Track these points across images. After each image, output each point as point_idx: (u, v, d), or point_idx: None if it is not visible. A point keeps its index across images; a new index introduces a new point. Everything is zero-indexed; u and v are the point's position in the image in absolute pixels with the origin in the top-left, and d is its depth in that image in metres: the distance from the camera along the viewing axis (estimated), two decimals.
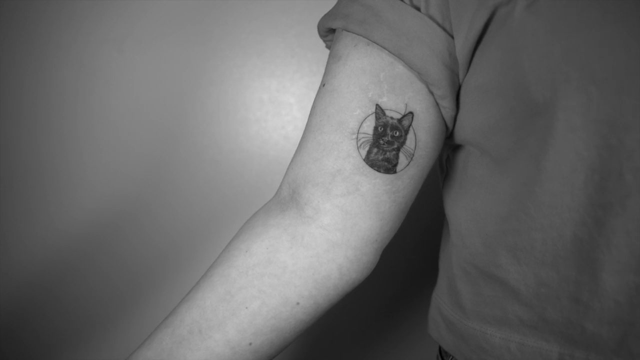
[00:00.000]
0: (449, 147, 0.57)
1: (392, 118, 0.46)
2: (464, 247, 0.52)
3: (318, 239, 0.47)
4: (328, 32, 0.52)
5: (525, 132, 0.43)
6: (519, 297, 0.46)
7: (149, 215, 0.92)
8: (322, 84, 0.49)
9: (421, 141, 0.47)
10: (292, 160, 0.50)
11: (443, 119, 0.48)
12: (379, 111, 0.46)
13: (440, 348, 0.60)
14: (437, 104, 0.47)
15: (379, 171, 0.46)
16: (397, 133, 0.46)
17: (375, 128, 0.46)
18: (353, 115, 0.46)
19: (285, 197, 0.50)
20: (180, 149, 0.92)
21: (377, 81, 0.45)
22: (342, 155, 0.46)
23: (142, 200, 0.92)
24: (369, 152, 0.46)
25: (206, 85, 0.91)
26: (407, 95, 0.46)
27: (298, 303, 0.46)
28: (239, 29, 0.90)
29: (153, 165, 0.92)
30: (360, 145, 0.46)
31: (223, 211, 0.92)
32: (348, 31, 0.47)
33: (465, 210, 0.51)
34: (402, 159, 0.47)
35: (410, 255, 0.96)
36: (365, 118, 0.46)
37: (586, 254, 0.41)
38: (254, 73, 0.91)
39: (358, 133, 0.46)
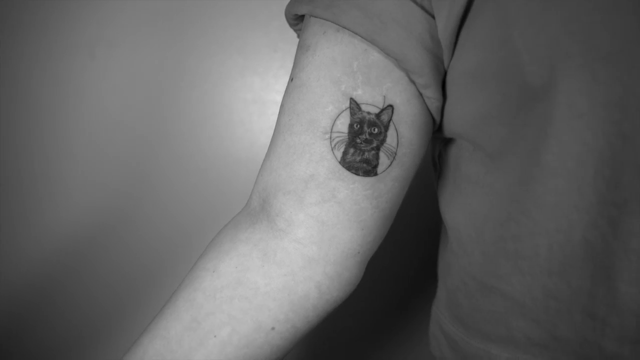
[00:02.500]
0: (440, 141, 0.51)
1: (369, 113, 0.40)
2: (465, 255, 0.46)
3: (292, 254, 0.41)
4: (297, 20, 0.47)
5: (521, 121, 0.37)
6: (525, 311, 0.40)
7: (131, 230, 0.87)
8: (290, 79, 0.44)
9: (404, 137, 0.41)
10: (261, 167, 0.45)
11: (428, 110, 0.42)
12: (354, 106, 0.40)
13: None
14: (420, 94, 0.41)
15: (358, 174, 0.40)
16: (376, 130, 0.40)
17: (351, 125, 0.40)
18: (325, 112, 0.40)
19: (255, 208, 0.44)
20: (162, 158, 0.87)
21: (350, 72, 0.40)
22: (314, 159, 0.40)
23: (123, 213, 0.87)
24: (344, 153, 0.40)
25: (185, 87, 0.86)
26: (385, 87, 0.40)
27: (273, 328, 0.41)
28: (216, 24, 0.85)
29: (132, 176, 0.87)
30: (335, 145, 0.40)
31: (210, 222, 0.86)
32: (315, 17, 0.42)
33: (462, 212, 0.46)
34: (383, 159, 0.41)
35: (409, 256, 0.91)
36: (339, 114, 0.40)
37: (600, 261, 0.35)
38: (234, 71, 0.86)
39: (331, 132, 0.40)
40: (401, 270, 0.92)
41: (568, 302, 0.37)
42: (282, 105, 0.44)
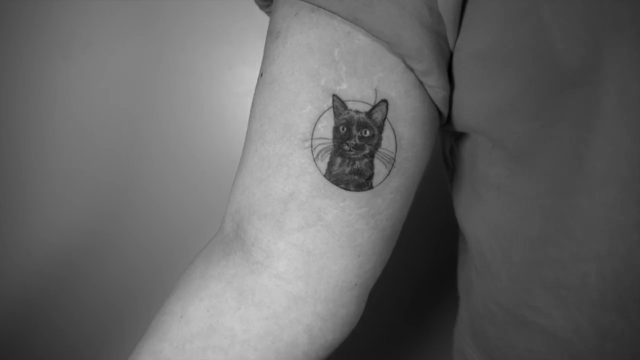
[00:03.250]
0: (450, 134, 0.42)
1: (357, 112, 0.32)
2: (489, 275, 0.37)
3: (274, 293, 0.33)
4: (266, 1, 0.38)
5: (553, 115, 0.28)
6: (573, 353, 0.31)
7: (120, 233, 0.81)
8: (260, 74, 0.36)
9: (404, 139, 0.33)
10: (233, 183, 0.37)
11: (432, 102, 0.34)
12: (338, 104, 0.32)
13: None
14: (421, 84, 0.33)
15: (348, 189, 0.33)
16: (368, 132, 0.32)
17: (336, 129, 0.32)
18: (303, 115, 0.32)
19: (228, 235, 0.36)
20: (149, 161, 0.80)
21: (330, 62, 0.32)
22: (294, 173, 0.33)
23: (109, 221, 0.81)
24: (330, 164, 0.32)
25: (169, 85, 0.78)
26: (375, 77, 0.32)
27: None
28: (197, 12, 0.77)
29: (118, 181, 0.80)
30: (318, 155, 0.32)
31: (204, 229, 0.79)
32: None
33: (483, 223, 0.37)
34: (380, 168, 0.33)
35: (418, 260, 0.82)
36: (320, 116, 0.32)
37: None
38: (221, 63, 0.78)
39: (312, 139, 0.32)
40: (408, 277, 0.83)
41: (631, 345, 0.29)
42: (252, 107, 0.36)
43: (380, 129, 0.33)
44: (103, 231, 0.84)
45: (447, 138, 0.44)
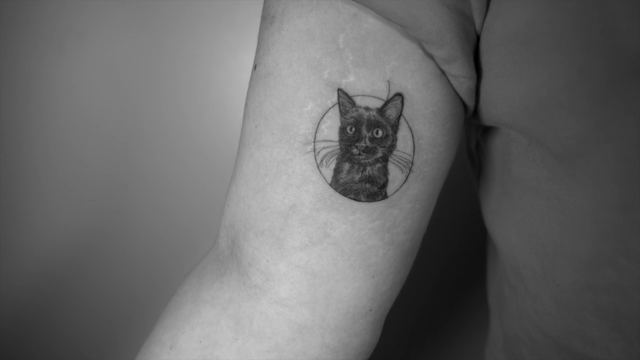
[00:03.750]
0: (475, 128, 0.37)
1: (368, 109, 0.27)
2: (528, 296, 0.32)
3: (275, 322, 0.29)
4: None
5: (615, 109, 0.23)
6: None
7: (121, 233, 0.80)
8: (254, 66, 0.31)
9: (423, 138, 0.28)
10: (227, 192, 0.32)
11: (456, 94, 0.29)
12: (345, 100, 0.27)
13: None
14: (443, 73, 0.28)
15: (359, 199, 0.28)
16: (380, 132, 0.27)
17: (342, 129, 0.27)
18: (303, 113, 0.28)
19: (223, 251, 0.32)
20: (151, 157, 0.76)
21: (334, 50, 0.27)
22: (294, 182, 0.28)
23: (110, 219, 0.78)
24: (337, 171, 0.28)
25: (170, 76, 0.74)
26: (388, 67, 0.27)
27: None
28: None
29: (118, 181, 0.77)
30: (322, 160, 0.28)
31: (209, 225, 0.75)
32: None
33: (518, 233, 0.32)
34: (395, 174, 0.28)
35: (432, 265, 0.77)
36: (324, 115, 0.27)
37: None
38: (225, 51, 0.74)
39: (315, 141, 0.28)
40: (424, 285, 0.78)
41: None
42: (245, 105, 0.31)
43: (395, 128, 0.28)
44: (104, 229, 0.82)
45: (472, 131, 0.38)
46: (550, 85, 0.25)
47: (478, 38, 0.28)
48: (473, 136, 0.38)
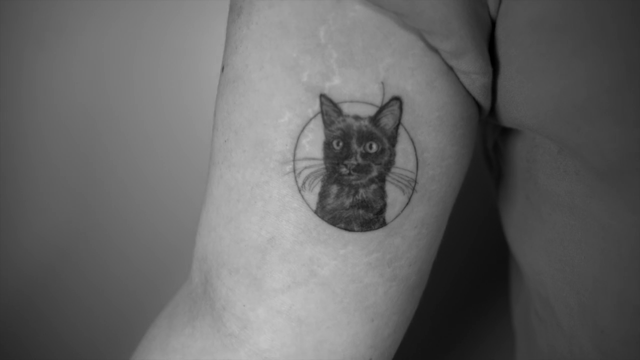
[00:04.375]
0: (493, 127, 0.31)
1: (358, 118, 0.22)
2: (561, 335, 0.27)
3: None
4: None
5: None
6: None
7: (116, 245, 0.75)
8: (222, 67, 0.25)
9: (428, 150, 0.23)
10: (199, 216, 0.27)
11: (467, 93, 0.23)
12: (329, 108, 0.22)
13: None
14: (450, 69, 0.22)
15: (351, 229, 0.23)
16: (374, 146, 0.22)
17: (328, 144, 0.22)
18: (279, 126, 0.22)
19: (197, 288, 0.27)
20: (144, 155, 0.72)
21: (315, 46, 0.22)
22: (272, 209, 0.23)
23: (99, 220, 0.75)
24: (323, 196, 0.23)
25: (165, 67, 0.69)
26: (382, 65, 0.22)
27: None
28: None
29: (109, 182, 0.74)
30: (305, 183, 0.23)
31: None
32: None
33: (548, 256, 0.27)
34: (395, 195, 0.23)
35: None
36: (304, 127, 0.22)
37: None
38: (220, 45, 0.68)
39: (295, 160, 0.22)
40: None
41: None
42: (214, 114, 0.26)
43: (393, 139, 0.22)
44: (103, 229, 0.78)
45: (488, 130, 0.33)
46: (590, 85, 0.19)
47: (493, 25, 0.23)
48: (490, 136, 0.33)
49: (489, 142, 0.33)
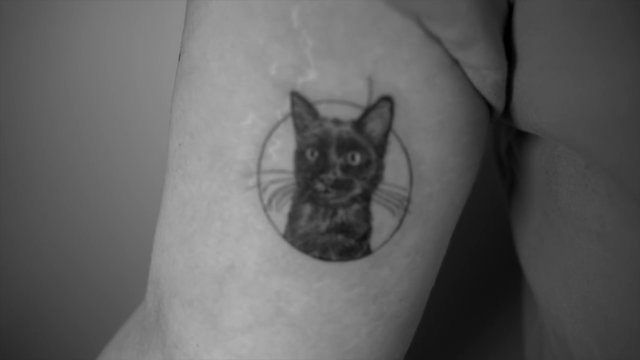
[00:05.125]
0: (507, 129, 0.27)
1: (337, 122, 0.18)
2: None
3: None
4: None
5: None
6: None
7: (116, 244, 0.73)
8: (178, 55, 0.21)
9: (425, 162, 0.19)
10: (155, 229, 0.23)
11: (475, 92, 0.19)
12: (303, 109, 0.18)
13: None
14: (456, 62, 0.18)
15: (327, 258, 0.19)
16: (358, 157, 0.18)
17: (300, 154, 0.18)
18: (241, 130, 0.18)
19: (150, 314, 0.23)
20: (148, 159, 0.69)
21: (286, 32, 0.18)
22: (232, 232, 0.19)
23: (105, 220, 0.73)
24: (294, 217, 0.19)
25: (166, 60, 0.67)
26: (369, 56, 0.18)
27: None
28: None
29: (118, 186, 0.72)
30: (271, 201, 0.19)
31: None
32: None
33: (567, 288, 0.23)
34: (382, 218, 0.19)
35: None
36: (272, 132, 0.18)
37: None
38: None
39: (260, 172, 0.18)
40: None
41: None
42: (171, 112, 0.22)
43: (381, 149, 0.18)
44: (91, 230, 0.76)
45: (502, 131, 0.28)
46: (636, 91, 0.15)
47: (510, 8, 0.18)
48: (504, 137, 0.28)
49: (502, 144, 0.29)
